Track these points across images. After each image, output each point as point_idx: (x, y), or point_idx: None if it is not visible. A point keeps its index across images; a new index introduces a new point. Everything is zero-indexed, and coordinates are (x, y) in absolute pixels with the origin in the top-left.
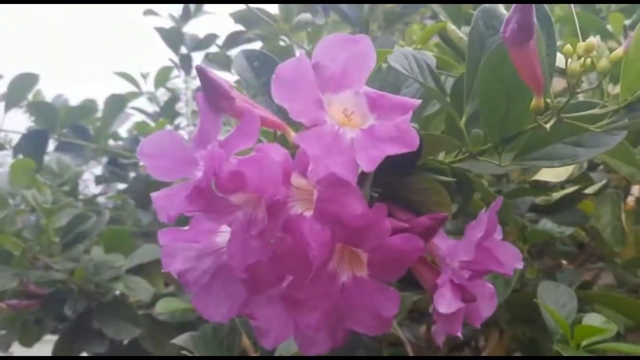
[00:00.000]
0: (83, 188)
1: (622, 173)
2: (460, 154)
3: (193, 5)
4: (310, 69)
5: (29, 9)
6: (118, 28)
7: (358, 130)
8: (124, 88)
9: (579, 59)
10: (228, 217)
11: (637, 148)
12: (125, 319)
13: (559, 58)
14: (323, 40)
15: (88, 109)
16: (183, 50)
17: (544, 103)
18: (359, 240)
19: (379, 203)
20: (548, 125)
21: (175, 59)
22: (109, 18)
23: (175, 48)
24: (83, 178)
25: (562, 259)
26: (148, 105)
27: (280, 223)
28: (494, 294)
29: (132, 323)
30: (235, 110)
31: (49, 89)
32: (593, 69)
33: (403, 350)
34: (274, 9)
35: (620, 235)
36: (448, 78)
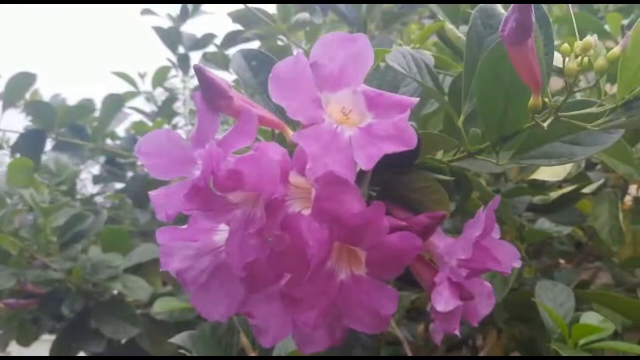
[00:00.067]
0: (81, 187)
1: (619, 172)
2: (459, 153)
3: (191, 5)
4: (308, 68)
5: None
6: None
7: (356, 129)
8: (122, 88)
9: (577, 58)
10: (226, 215)
11: (634, 147)
12: (123, 319)
13: (557, 57)
14: (321, 39)
15: (86, 109)
16: (181, 50)
17: (542, 102)
18: (357, 239)
19: (377, 201)
20: (546, 124)
21: (173, 59)
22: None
23: (173, 48)
24: (81, 177)
25: (559, 258)
26: (146, 105)
27: (279, 221)
28: (492, 293)
29: (129, 322)
30: (233, 109)
31: (47, 89)
32: (590, 68)
33: (401, 349)
34: (272, 9)
35: (618, 235)
36: (446, 77)
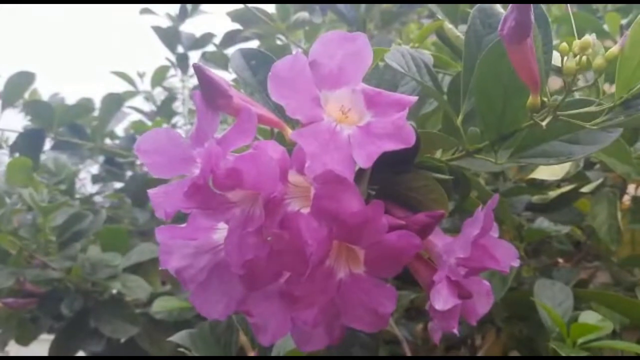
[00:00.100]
0: (80, 187)
1: (617, 172)
2: (457, 152)
3: (190, 5)
4: (307, 67)
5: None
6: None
7: (355, 127)
8: (121, 87)
9: (575, 57)
10: (225, 214)
11: (633, 147)
12: (122, 318)
13: (556, 56)
14: (320, 38)
15: (85, 108)
16: (180, 50)
17: (541, 101)
18: (356, 237)
19: (376, 200)
20: (544, 123)
21: (172, 58)
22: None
23: (172, 47)
24: (80, 177)
25: (558, 258)
26: (145, 105)
27: (278, 220)
28: (490, 291)
29: (129, 322)
30: (233, 108)
31: (46, 88)
32: (589, 67)
33: (400, 348)
34: (271, 8)
35: (616, 234)
36: (445, 76)
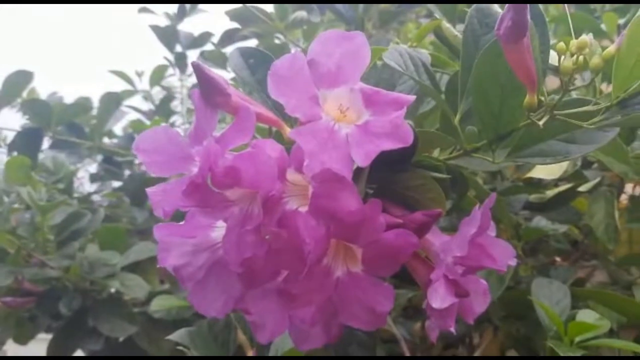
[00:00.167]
0: (78, 186)
1: (615, 171)
2: (455, 151)
3: (188, 4)
4: (306, 66)
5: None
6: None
7: (353, 126)
8: (119, 86)
9: (572, 57)
10: (224, 212)
11: (630, 146)
12: (121, 317)
13: (553, 56)
14: (319, 37)
15: (83, 107)
16: (178, 49)
17: (538, 100)
18: (354, 236)
19: (374, 199)
20: (541, 123)
21: (171, 57)
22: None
23: (171, 46)
24: (78, 176)
25: (556, 256)
26: (143, 104)
27: (276, 218)
28: (487, 290)
29: (127, 321)
30: (231, 107)
31: (45, 88)
32: (586, 67)
33: (397, 347)
34: (270, 7)
35: (614, 233)
36: (443, 75)
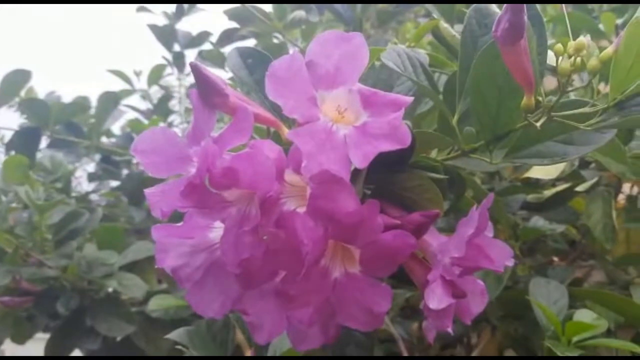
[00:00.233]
0: (76, 185)
1: (612, 171)
2: (453, 152)
3: (187, 3)
4: (304, 66)
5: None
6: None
7: (351, 127)
8: (118, 86)
9: (570, 58)
10: (221, 213)
11: (627, 146)
12: (118, 316)
13: (551, 56)
14: (317, 38)
15: (81, 106)
16: (176, 48)
17: (535, 101)
18: (352, 237)
19: (372, 200)
20: (539, 124)
21: (169, 57)
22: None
23: (169, 45)
24: (76, 175)
25: (553, 256)
26: (141, 103)
27: (274, 219)
28: (485, 291)
29: (125, 320)
30: (229, 107)
31: (44, 87)
32: (583, 68)
33: (395, 347)
34: (268, 7)
35: (611, 233)
36: (441, 76)
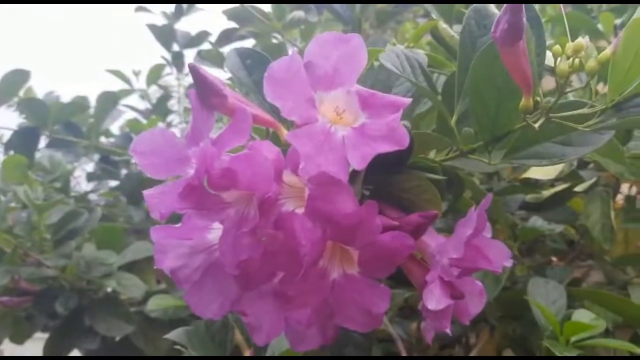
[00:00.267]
0: (75, 185)
1: (611, 171)
2: (451, 152)
3: (185, 3)
4: (302, 68)
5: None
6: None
7: (349, 129)
8: (116, 86)
9: (568, 59)
10: (220, 214)
11: (626, 146)
12: (117, 316)
13: (550, 56)
14: (315, 39)
15: (79, 106)
16: (175, 48)
17: (533, 102)
18: (350, 238)
19: (370, 201)
20: (537, 125)
21: (168, 56)
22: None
23: (168, 45)
24: (75, 175)
25: (552, 256)
26: (140, 103)
27: (272, 220)
28: (483, 292)
29: (123, 320)
30: (228, 108)
31: (43, 87)
32: (582, 69)
33: (394, 347)
34: (267, 7)
35: (610, 233)
36: (440, 76)
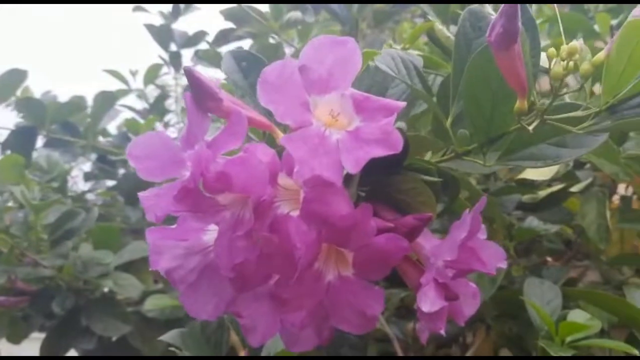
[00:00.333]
0: (72, 185)
1: (606, 172)
2: (447, 154)
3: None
4: (296, 72)
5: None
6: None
7: (344, 132)
8: (114, 86)
9: (563, 62)
10: (215, 217)
11: (621, 147)
12: (114, 316)
13: (545, 57)
14: (311, 42)
15: (77, 106)
16: (173, 47)
17: (528, 104)
18: (345, 240)
19: (365, 203)
20: (531, 127)
21: (165, 56)
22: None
23: (165, 45)
24: (72, 175)
25: (548, 256)
26: (137, 103)
27: (267, 223)
28: (477, 293)
29: (120, 320)
30: (223, 111)
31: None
32: (577, 71)
33: (390, 347)
34: (265, 7)
35: (605, 233)
36: (436, 77)
